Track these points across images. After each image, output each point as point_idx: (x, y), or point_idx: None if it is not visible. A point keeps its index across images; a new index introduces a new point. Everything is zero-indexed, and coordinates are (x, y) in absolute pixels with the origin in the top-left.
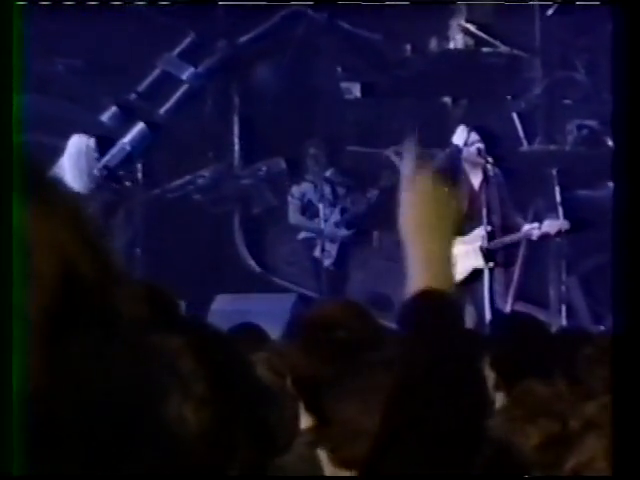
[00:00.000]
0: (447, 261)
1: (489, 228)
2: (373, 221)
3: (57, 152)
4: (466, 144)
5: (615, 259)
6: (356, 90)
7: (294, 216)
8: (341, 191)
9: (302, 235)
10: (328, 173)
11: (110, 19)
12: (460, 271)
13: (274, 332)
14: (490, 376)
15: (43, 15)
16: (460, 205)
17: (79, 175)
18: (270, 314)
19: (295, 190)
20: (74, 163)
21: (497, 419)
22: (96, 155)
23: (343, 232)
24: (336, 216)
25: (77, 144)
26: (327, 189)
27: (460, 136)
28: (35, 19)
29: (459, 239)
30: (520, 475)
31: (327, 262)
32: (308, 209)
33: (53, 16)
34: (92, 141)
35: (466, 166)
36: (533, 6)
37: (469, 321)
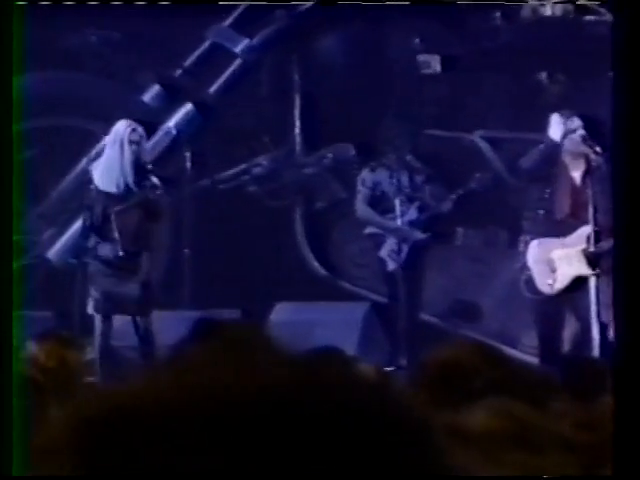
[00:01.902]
0: None
1: (595, 228)
2: (455, 217)
3: (91, 138)
4: (564, 135)
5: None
6: (436, 64)
7: (362, 208)
8: (419, 181)
9: (368, 230)
10: (405, 161)
11: None
12: (560, 279)
13: (346, 348)
14: None
15: None
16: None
17: (122, 174)
18: (339, 326)
19: (367, 177)
20: (116, 158)
21: None
22: (134, 147)
23: (418, 235)
24: (412, 214)
25: (117, 132)
26: (404, 179)
27: (556, 128)
28: None
29: (559, 241)
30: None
31: (398, 264)
32: (380, 202)
33: None
34: (140, 129)
35: (566, 157)
36: None
37: (571, 336)
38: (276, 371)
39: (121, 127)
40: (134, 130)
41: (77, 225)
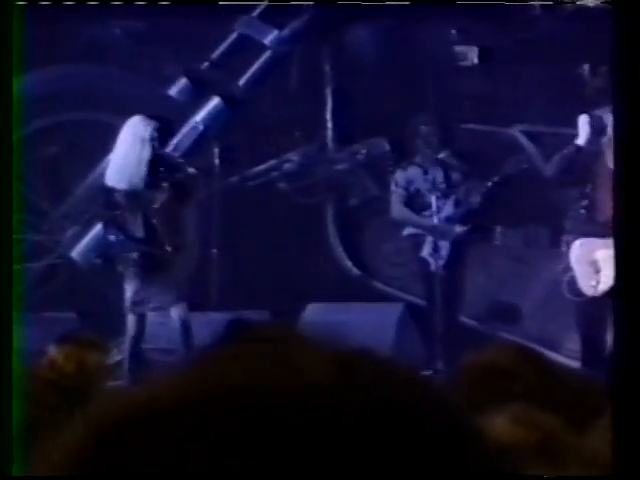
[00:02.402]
0: None
1: None
2: (494, 214)
3: (115, 134)
4: (597, 134)
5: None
6: (473, 55)
7: (398, 208)
8: (456, 177)
9: (407, 231)
10: (440, 156)
11: None
12: (604, 280)
13: (379, 350)
14: None
15: None
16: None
17: (137, 172)
18: (372, 327)
19: (400, 176)
20: (132, 154)
21: None
22: (156, 144)
23: (457, 229)
24: (449, 209)
25: (136, 129)
26: (439, 175)
27: (583, 130)
28: None
29: (603, 241)
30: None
31: (439, 264)
32: (415, 200)
33: None
34: (153, 125)
35: (608, 155)
36: None
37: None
38: (311, 371)
39: (140, 125)
40: (154, 128)
41: (101, 224)
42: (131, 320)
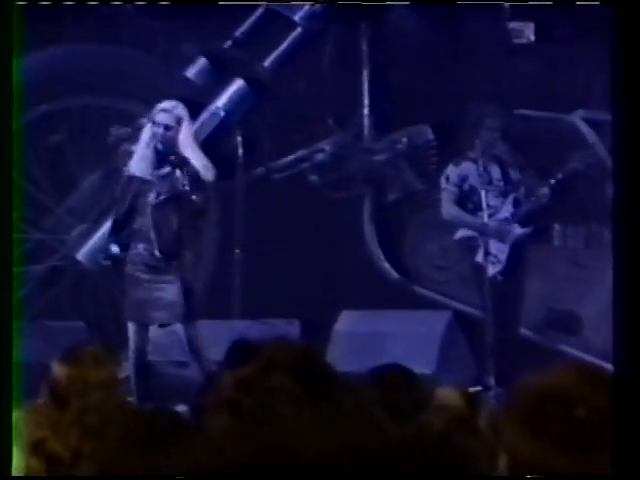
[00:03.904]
0: None
1: None
2: (553, 212)
3: (128, 120)
4: None
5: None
6: (529, 32)
7: (449, 208)
8: (514, 173)
9: (460, 233)
10: (496, 148)
11: None
12: None
13: (422, 364)
14: None
15: None
16: None
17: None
18: (414, 338)
19: (452, 172)
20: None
21: None
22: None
23: (516, 231)
24: (508, 209)
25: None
26: (495, 171)
27: None
28: None
29: None
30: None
31: (493, 270)
32: (469, 199)
33: None
34: (177, 111)
35: None
36: None
37: None
38: (332, 405)
39: (157, 107)
40: (163, 111)
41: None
42: (132, 330)
